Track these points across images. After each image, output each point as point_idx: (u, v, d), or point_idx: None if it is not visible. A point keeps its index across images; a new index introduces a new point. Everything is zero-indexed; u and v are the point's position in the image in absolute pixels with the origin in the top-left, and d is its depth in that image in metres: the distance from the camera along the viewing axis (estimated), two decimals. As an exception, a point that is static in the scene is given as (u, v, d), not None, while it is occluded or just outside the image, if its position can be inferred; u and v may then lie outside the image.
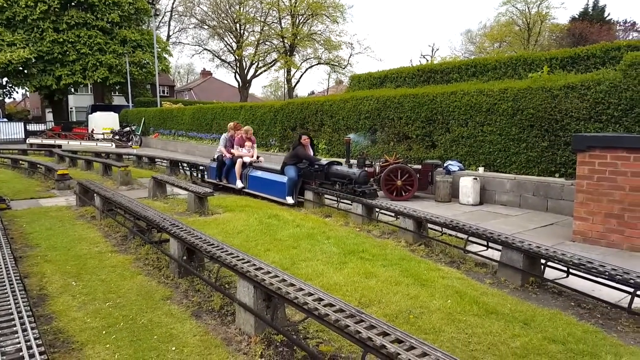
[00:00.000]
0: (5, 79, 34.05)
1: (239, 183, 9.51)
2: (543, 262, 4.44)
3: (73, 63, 31.55)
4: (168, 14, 47.14)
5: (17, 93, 41.95)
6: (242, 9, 40.82)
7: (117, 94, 42.71)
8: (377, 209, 6.94)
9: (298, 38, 38.79)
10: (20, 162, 14.31)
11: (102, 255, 5.27)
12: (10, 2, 29.43)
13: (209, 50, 46.09)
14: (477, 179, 8.53)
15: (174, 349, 3.18)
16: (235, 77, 45.06)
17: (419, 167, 9.42)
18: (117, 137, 24.88)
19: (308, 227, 6.44)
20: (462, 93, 9.33)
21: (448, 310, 3.71)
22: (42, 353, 2.52)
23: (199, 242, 4.21)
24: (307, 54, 41.73)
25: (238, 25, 42.19)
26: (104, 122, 27.21)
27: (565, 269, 4.26)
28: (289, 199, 8.29)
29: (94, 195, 7.32)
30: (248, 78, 44.32)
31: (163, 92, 49.72)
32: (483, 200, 8.65)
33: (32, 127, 32.81)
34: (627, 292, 3.76)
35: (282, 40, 39.83)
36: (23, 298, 3.22)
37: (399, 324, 3.40)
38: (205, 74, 63.44)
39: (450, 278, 4.48)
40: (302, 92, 71.66)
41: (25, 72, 31.74)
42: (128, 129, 25.71)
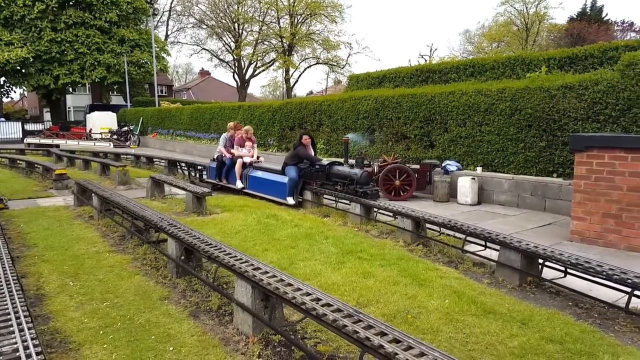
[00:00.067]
0: (3, 79, 33.98)
1: (239, 183, 9.48)
2: (541, 262, 4.44)
3: (71, 62, 31.48)
4: (166, 14, 47.19)
5: (14, 92, 42.04)
6: (240, 9, 40.79)
7: (115, 94, 42.60)
8: (375, 209, 6.93)
9: (296, 38, 38.76)
10: (18, 161, 14.28)
11: (99, 255, 5.26)
12: (8, 1, 29.35)
13: (208, 50, 46.15)
14: (475, 179, 8.54)
15: (172, 349, 3.18)
16: (234, 76, 45.07)
17: (417, 167, 9.43)
18: (115, 136, 24.85)
19: (306, 227, 6.43)
20: (460, 93, 9.34)
21: (446, 310, 3.71)
22: (39, 353, 2.51)
23: (197, 242, 4.20)
24: (305, 54, 41.78)
25: (236, 25, 42.18)
26: (102, 121, 27.16)
27: (563, 269, 4.27)
28: (290, 200, 8.25)
29: (92, 195, 7.31)
30: (246, 78, 44.30)
31: (161, 91, 49.77)
32: (481, 200, 8.66)
33: (29, 126, 32.83)
34: (624, 292, 3.77)
35: (280, 40, 39.80)
36: (20, 298, 3.21)
37: (397, 324, 3.40)
38: (204, 74, 63.41)
39: (448, 278, 4.48)
40: (300, 91, 71.79)
41: (23, 71, 31.65)
42: (126, 129, 25.66)
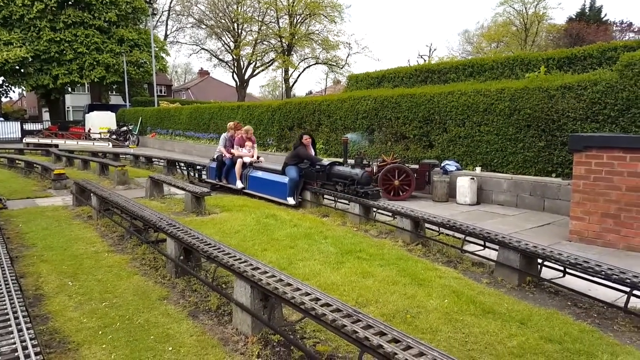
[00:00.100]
0: (2, 78, 33.92)
1: (239, 183, 9.45)
2: (540, 261, 4.45)
3: (70, 62, 31.42)
4: (165, 14, 47.13)
5: (13, 92, 41.82)
6: (239, 9, 40.77)
7: (114, 94, 42.55)
8: (374, 209, 6.93)
9: (296, 38, 38.75)
10: (17, 161, 14.26)
11: (98, 255, 5.26)
12: (7, 0, 29.30)
13: (207, 50, 46.09)
14: (474, 179, 8.54)
15: (171, 349, 3.18)
16: (233, 76, 45.03)
17: (417, 167, 9.43)
18: (114, 136, 24.82)
19: (305, 226, 6.43)
20: (459, 93, 9.35)
21: (445, 310, 3.71)
22: (37, 353, 2.50)
23: (196, 241, 4.20)
24: (304, 54, 41.79)
25: (236, 25, 42.16)
26: (101, 121, 27.11)
27: (562, 269, 4.27)
28: (290, 200, 8.21)
29: (91, 195, 7.30)
30: (246, 78, 44.26)
31: (160, 91, 49.71)
32: (480, 200, 8.67)
33: (28, 126, 32.74)
34: (623, 291, 3.77)
35: (279, 40, 39.80)
36: (19, 298, 3.21)
37: (396, 324, 3.40)
38: (203, 74, 63.33)
39: (447, 278, 4.48)
40: (299, 91, 71.68)
41: (22, 71, 31.60)
42: (125, 129, 25.64)
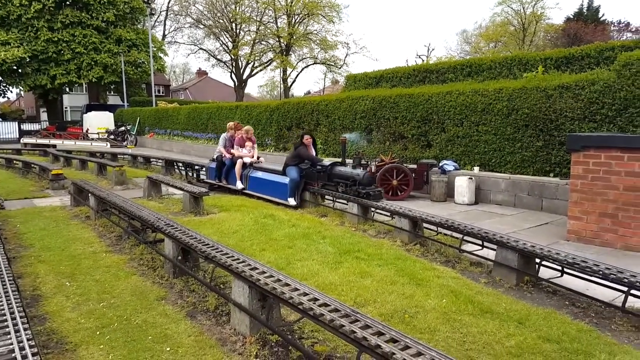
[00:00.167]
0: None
1: (239, 184, 9.40)
2: (538, 261, 4.45)
3: (68, 62, 31.34)
4: (163, 13, 47.02)
5: (11, 92, 41.69)
6: (238, 9, 40.72)
7: (112, 94, 42.47)
8: (372, 209, 6.93)
9: (294, 38, 38.73)
10: (15, 161, 14.22)
11: (96, 256, 5.25)
12: (5, 0, 29.22)
13: (205, 50, 46.00)
14: (472, 179, 8.55)
15: (169, 350, 3.17)
16: (231, 76, 44.98)
17: (415, 166, 9.44)
18: (112, 136, 24.78)
19: (304, 226, 6.43)
20: (457, 93, 9.36)
21: (443, 310, 3.71)
22: (35, 354, 2.50)
23: (194, 242, 4.19)
24: (303, 54, 41.74)
25: (234, 25, 42.11)
26: (99, 121, 27.06)
27: (560, 268, 4.28)
28: (291, 201, 8.13)
29: (89, 195, 7.28)
30: (244, 77, 44.22)
31: (158, 91, 49.59)
32: (478, 200, 8.68)
33: (26, 126, 32.71)
34: (621, 291, 3.78)
35: (278, 40, 39.77)
36: (16, 298, 3.20)
37: (394, 324, 3.40)
38: (201, 74, 63.23)
39: (446, 277, 4.49)
40: (298, 91, 71.85)
41: (20, 71, 31.49)
42: (123, 129, 25.58)
